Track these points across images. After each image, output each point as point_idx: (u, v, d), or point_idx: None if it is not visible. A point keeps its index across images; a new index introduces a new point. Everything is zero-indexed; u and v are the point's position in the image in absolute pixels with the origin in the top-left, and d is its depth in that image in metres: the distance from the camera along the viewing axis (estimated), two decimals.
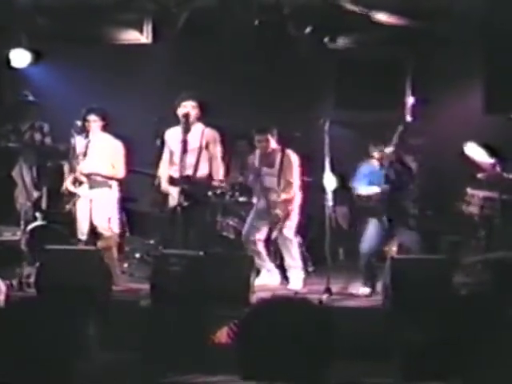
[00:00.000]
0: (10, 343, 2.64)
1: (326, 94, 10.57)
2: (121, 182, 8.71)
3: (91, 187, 8.55)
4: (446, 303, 2.80)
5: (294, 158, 8.80)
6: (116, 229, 8.66)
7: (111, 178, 8.62)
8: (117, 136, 8.72)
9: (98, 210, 8.54)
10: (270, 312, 2.65)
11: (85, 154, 8.50)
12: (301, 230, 8.92)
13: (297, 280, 8.67)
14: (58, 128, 9.69)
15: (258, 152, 8.89)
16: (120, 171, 8.68)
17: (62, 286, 7.17)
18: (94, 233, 8.52)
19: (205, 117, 8.58)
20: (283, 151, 8.77)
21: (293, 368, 2.55)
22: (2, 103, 10.36)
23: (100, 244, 8.45)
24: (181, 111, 8.47)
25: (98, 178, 8.57)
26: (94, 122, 8.54)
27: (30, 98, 9.85)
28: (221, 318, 6.98)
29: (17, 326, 2.67)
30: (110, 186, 8.62)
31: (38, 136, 9.81)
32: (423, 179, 8.74)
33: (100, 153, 8.59)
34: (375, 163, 8.35)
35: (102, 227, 8.53)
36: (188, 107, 8.47)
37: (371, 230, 8.31)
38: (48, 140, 9.82)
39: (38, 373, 2.62)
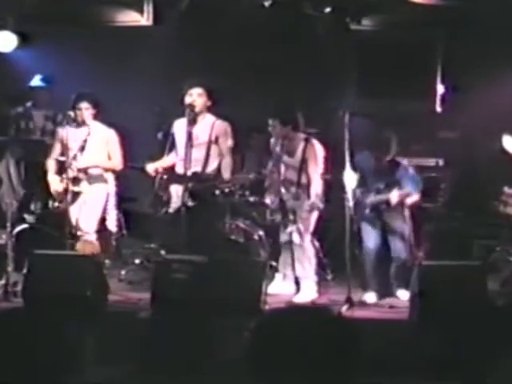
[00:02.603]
0: None
1: (346, 82, 10.56)
2: (118, 176, 8.74)
3: (90, 183, 8.58)
4: (480, 314, 2.78)
5: (319, 150, 8.47)
6: (113, 228, 8.77)
7: (112, 171, 8.69)
8: (113, 128, 8.76)
9: (88, 208, 8.58)
10: (283, 322, 2.64)
11: (83, 148, 8.50)
12: (318, 234, 8.86)
13: (307, 292, 8.44)
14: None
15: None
16: (118, 162, 8.74)
17: (52, 295, 7.18)
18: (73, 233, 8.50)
19: (215, 106, 8.55)
20: (307, 140, 8.45)
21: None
22: None
23: (78, 247, 8.43)
24: (186, 100, 8.44)
25: (95, 172, 8.59)
26: (87, 110, 8.54)
27: (43, 83, 9.94)
28: (229, 330, 6.95)
29: (1, 341, 2.65)
30: (105, 181, 8.67)
31: (49, 125, 9.87)
32: (454, 176, 8.72)
33: (94, 144, 8.60)
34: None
35: (88, 228, 8.55)
36: (194, 95, 8.43)
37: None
38: None
39: None
